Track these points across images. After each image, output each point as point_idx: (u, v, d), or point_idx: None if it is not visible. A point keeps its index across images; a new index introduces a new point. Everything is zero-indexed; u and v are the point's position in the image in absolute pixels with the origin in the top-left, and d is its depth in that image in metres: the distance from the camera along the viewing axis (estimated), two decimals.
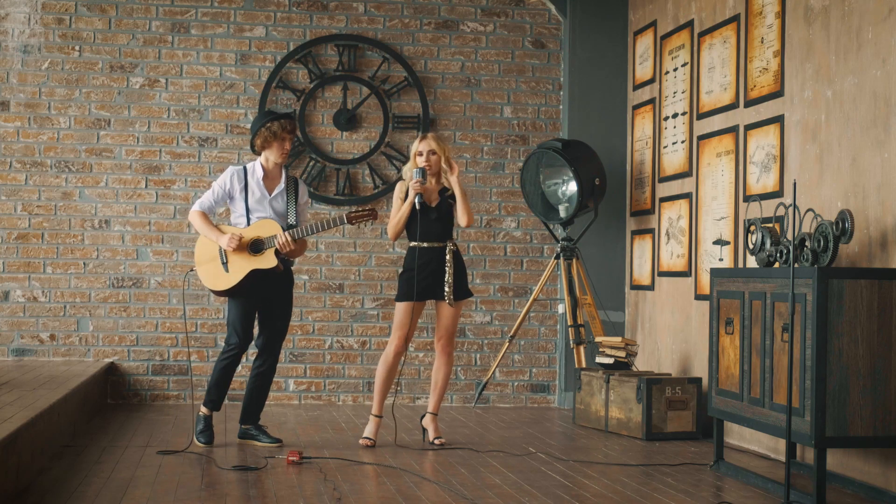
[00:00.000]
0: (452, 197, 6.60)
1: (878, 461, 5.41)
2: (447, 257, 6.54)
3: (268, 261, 6.37)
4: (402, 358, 6.62)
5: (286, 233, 6.31)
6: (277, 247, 6.31)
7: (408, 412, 7.98)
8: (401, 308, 6.55)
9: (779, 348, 5.35)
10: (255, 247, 6.37)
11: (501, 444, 6.69)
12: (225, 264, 6.35)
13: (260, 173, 6.44)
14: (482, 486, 5.38)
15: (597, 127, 8.67)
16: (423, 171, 6.50)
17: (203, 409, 6.48)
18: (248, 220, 6.42)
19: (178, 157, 8.48)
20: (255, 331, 6.57)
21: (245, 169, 6.48)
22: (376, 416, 6.58)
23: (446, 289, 6.52)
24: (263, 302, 6.47)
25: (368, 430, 6.56)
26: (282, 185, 6.48)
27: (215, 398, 6.49)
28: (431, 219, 6.56)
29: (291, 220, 6.46)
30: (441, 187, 6.62)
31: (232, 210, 6.51)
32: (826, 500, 5.08)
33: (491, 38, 8.82)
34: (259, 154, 6.50)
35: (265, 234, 6.37)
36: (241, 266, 6.35)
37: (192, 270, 6.73)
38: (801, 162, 6.18)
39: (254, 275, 6.34)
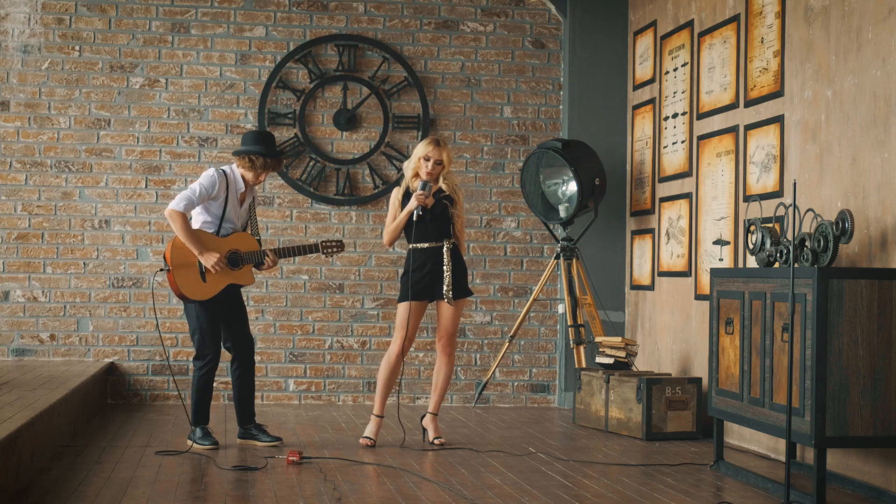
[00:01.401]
0: (447, 198, 6.59)
1: (878, 461, 5.41)
2: (445, 256, 6.54)
3: (247, 277, 6.40)
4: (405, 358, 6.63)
5: (272, 254, 6.36)
6: (265, 265, 6.38)
7: (408, 412, 7.97)
8: (401, 309, 6.56)
9: (779, 348, 5.35)
10: (233, 260, 6.34)
11: (501, 444, 6.69)
12: (203, 274, 6.31)
13: (241, 186, 6.40)
14: (482, 486, 5.38)
15: (597, 127, 8.67)
16: (428, 185, 6.48)
17: (193, 427, 6.42)
18: (220, 227, 6.36)
19: (178, 157, 8.48)
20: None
21: (224, 173, 6.39)
22: (377, 415, 6.58)
23: (445, 287, 6.52)
24: (222, 306, 6.42)
25: (369, 430, 6.56)
26: (251, 198, 6.51)
27: (203, 416, 6.42)
28: (426, 220, 6.55)
29: (254, 231, 6.52)
30: (436, 189, 6.61)
31: (202, 212, 6.36)
32: (826, 500, 5.08)
33: (491, 38, 8.82)
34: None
35: (244, 248, 6.35)
36: (220, 279, 6.31)
37: (162, 270, 6.46)
38: (801, 162, 6.18)
39: (229, 287, 6.35)
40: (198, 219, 6.38)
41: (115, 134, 8.43)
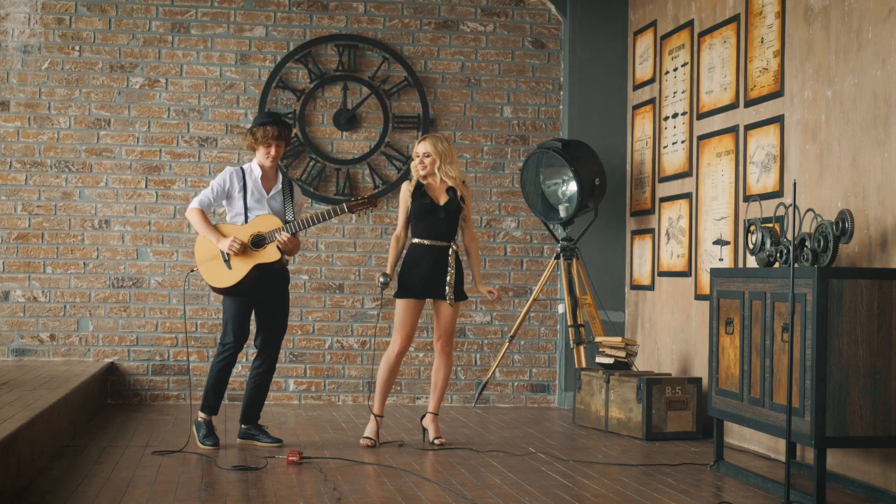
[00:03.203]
0: (461, 198, 6.59)
1: (878, 461, 5.41)
2: (450, 259, 6.54)
3: (271, 254, 6.37)
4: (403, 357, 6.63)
5: (283, 231, 6.32)
6: (278, 243, 6.33)
7: (408, 412, 7.98)
8: (402, 306, 6.53)
9: (779, 348, 5.35)
10: (257, 241, 6.37)
11: (501, 444, 6.69)
12: (227, 261, 6.35)
13: (258, 173, 6.45)
14: (482, 486, 5.38)
15: (597, 127, 8.67)
16: (385, 278, 6.52)
17: (202, 415, 6.43)
18: (247, 218, 6.42)
19: (178, 157, 8.48)
20: (252, 330, 6.57)
21: (243, 169, 6.49)
22: (377, 415, 6.58)
23: (447, 289, 6.52)
24: (261, 301, 6.47)
25: (369, 430, 6.56)
26: (279, 184, 6.50)
27: (213, 403, 6.45)
28: (440, 218, 6.54)
29: (290, 217, 6.46)
30: (448, 186, 6.61)
31: (229, 209, 6.49)
32: (826, 500, 5.08)
33: (491, 38, 8.82)
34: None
35: (265, 228, 6.37)
36: (245, 262, 6.34)
37: (192, 271, 6.68)
38: (801, 162, 6.18)
39: (257, 269, 6.35)
40: (228, 215, 6.51)
41: (115, 134, 8.43)
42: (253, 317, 6.56)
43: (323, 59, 8.65)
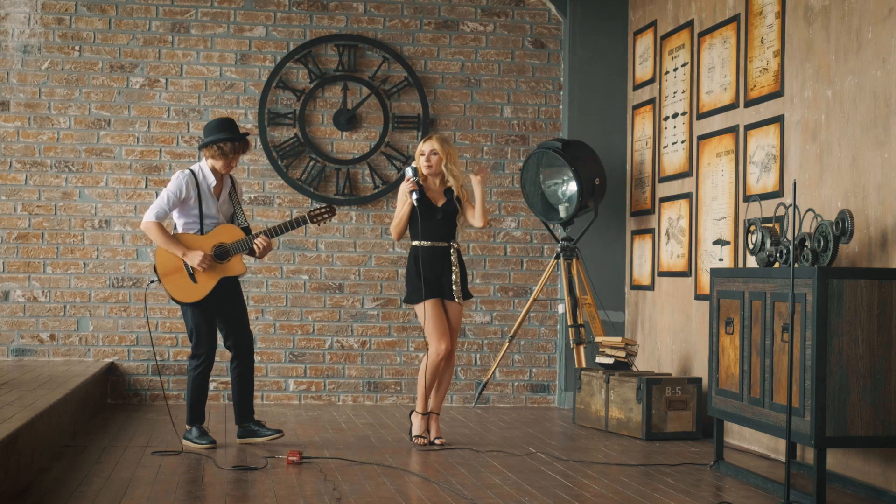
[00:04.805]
0: (458, 199, 6.59)
1: (878, 461, 5.41)
2: (452, 258, 6.55)
3: (237, 267, 6.37)
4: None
5: (261, 236, 6.35)
6: (256, 250, 6.34)
7: (408, 412, 7.97)
8: (429, 307, 6.49)
9: (779, 348, 5.35)
10: (220, 254, 6.33)
11: (501, 444, 6.69)
12: (192, 275, 6.30)
13: (212, 180, 6.40)
14: (482, 486, 5.38)
15: (597, 127, 8.67)
16: (415, 170, 6.51)
17: (189, 426, 6.44)
18: (202, 226, 6.37)
19: (178, 157, 8.48)
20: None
21: (193, 173, 6.39)
22: (423, 413, 6.57)
23: (454, 289, 6.53)
24: (223, 306, 6.44)
25: (417, 429, 6.55)
26: (227, 187, 6.49)
27: (200, 414, 6.44)
28: (437, 219, 6.55)
29: (241, 220, 6.48)
30: (446, 187, 6.62)
31: (181, 215, 6.38)
32: (826, 500, 5.09)
33: (491, 38, 8.82)
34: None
35: (228, 239, 6.35)
36: (211, 276, 6.31)
37: (152, 282, 6.49)
38: (801, 162, 6.18)
39: (221, 281, 6.34)
40: (179, 222, 6.41)
41: (115, 134, 8.43)
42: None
43: (323, 59, 8.65)
